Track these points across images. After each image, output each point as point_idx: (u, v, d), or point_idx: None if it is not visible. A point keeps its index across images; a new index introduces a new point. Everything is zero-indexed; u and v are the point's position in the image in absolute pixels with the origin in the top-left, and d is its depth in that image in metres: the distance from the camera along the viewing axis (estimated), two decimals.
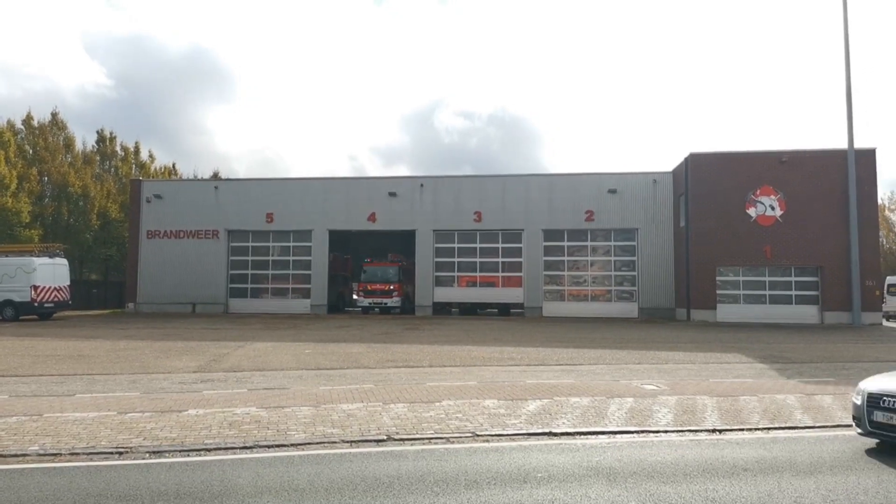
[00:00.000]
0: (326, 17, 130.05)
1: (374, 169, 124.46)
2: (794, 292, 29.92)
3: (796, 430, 8.02)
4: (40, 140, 41.27)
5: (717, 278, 30.01)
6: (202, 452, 6.81)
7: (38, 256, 28.83)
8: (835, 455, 6.86)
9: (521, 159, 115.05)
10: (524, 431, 7.72)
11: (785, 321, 28.68)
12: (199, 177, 52.81)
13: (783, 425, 8.20)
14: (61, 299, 29.35)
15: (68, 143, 43.74)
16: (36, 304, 28.08)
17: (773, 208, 29.57)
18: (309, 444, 7.13)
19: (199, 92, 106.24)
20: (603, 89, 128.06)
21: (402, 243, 36.65)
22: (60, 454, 6.68)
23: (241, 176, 52.39)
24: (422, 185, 34.77)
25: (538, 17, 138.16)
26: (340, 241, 37.58)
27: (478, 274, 34.54)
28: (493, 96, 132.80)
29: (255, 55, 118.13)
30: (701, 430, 7.93)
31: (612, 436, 7.67)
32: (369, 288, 34.63)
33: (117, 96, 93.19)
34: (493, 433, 7.62)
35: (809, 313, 29.41)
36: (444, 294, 34.67)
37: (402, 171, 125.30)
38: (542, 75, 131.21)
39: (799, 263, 29.61)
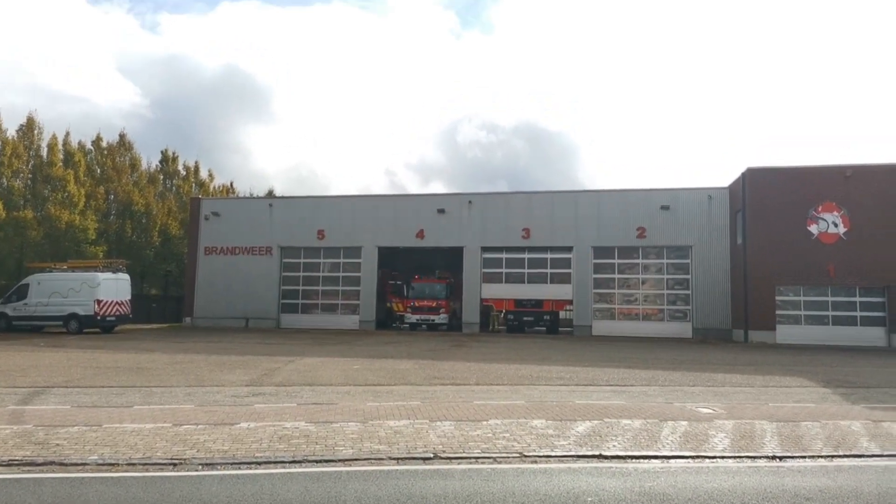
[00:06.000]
0: (354, 36, 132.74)
1: (412, 184, 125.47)
2: (858, 313, 28.55)
3: (862, 459, 7.61)
4: (108, 160, 43.31)
5: (777, 298, 28.92)
6: (252, 465, 6.92)
7: (101, 272, 30.13)
8: None
9: (550, 173, 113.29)
10: (573, 453, 7.55)
11: (849, 343, 27.37)
12: (255, 195, 54.37)
13: (848, 453, 7.78)
14: (123, 313, 30.50)
15: (134, 163, 45.76)
16: (99, 318, 29.24)
17: (836, 225, 28.42)
18: (356, 459, 7.15)
19: (235, 111, 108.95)
20: (650, 102, 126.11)
21: (449, 260, 36.74)
22: (118, 464, 6.89)
23: (285, 194, 53.56)
24: (470, 202, 34.86)
25: (573, 27, 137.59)
26: (389, 258, 37.95)
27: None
28: (521, 110, 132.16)
29: (288, 75, 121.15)
30: (760, 457, 7.60)
31: (665, 460, 7.43)
32: (417, 304, 34.81)
33: (154, 116, 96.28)
34: (541, 454, 7.48)
35: (876, 335, 28.00)
36: (493, 291, 34.48)
37: (439, 186, 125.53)
38: (578, 87, 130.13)
39: (864, 283, 28.28)
